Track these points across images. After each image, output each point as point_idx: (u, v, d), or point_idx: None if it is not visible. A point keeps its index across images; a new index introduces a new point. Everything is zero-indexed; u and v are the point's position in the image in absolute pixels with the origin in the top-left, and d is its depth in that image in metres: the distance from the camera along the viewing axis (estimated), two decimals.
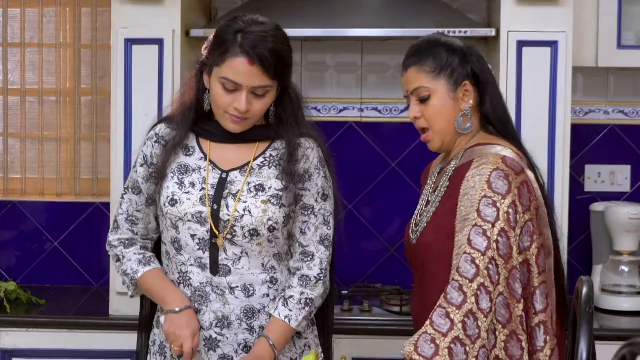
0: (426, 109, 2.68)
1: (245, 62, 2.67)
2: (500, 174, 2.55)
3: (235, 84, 2.68)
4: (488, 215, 2.51)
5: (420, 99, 2.69)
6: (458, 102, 2.68)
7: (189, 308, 2.74)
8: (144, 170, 2.84)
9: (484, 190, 2.54)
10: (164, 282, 2.80)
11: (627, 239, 3.87)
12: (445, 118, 2.68)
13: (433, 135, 2.71)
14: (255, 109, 2.72)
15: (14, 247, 4.27)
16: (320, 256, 2.79)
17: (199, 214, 2.74)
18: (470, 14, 4.03)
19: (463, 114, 2.68)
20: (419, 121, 2.71)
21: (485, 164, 2.59)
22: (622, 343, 2.01)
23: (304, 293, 2.77)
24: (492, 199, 2.53)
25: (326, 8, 3.88)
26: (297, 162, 2.77)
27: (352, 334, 3.62)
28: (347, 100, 4.20)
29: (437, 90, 2.67)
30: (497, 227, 2.50)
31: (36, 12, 4.24)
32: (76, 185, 4.27)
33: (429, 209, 2.71)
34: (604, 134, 4.16)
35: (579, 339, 2.28)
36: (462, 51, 2.70)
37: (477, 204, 2.53)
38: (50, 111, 4.26)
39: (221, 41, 2.71)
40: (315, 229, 2.80)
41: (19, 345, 3.72)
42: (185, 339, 2.70)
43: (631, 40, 3.91)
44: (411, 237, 2.76)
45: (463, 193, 2.58)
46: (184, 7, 3.71)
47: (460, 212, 2.57)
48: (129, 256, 2.85)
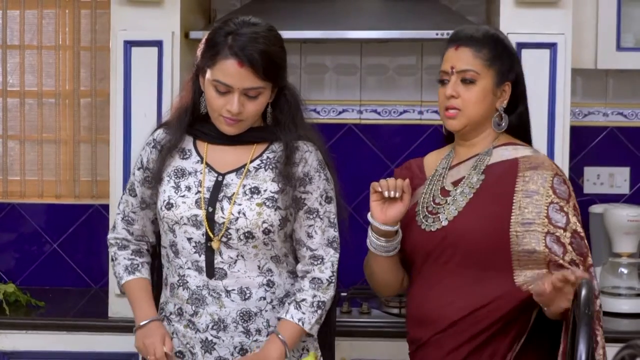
0: (467, 92, 2.71)
1: (234, 63, 2.67)
2: (560, 180, 2.69)
3: (226, 86, 2.68)
4: (558, 221, 2.63)
5: (465, 80, 2.71)
6: (496, 98, 2.73)
7: (154, 320, 2.78)
8: (140, 174, 2.86)
9: (549, 197, 2.65)
10: (138, 296, 2.84)
11: (626, 240, 3.88)
12: (481, 108, 2.72)
13: (461, 116, 2.73)
14: (249, 110, 2.72)
15: (13, 249, 4.27)
16: (331, 259, 2.80)
17: (195, 217, 2.74)
18: (470, 15, 4.04)
19: (499, 113, 2.74)
20: (454, 100, 2.72)
21: (545, 168, 2.69)
22: (621, 345, 2.01)
23: (316, 296, 2.77)
24: (559, 204, 2.64)
25: (325, 10, 3.88)
26: (295, 165, 2.76)
27: (351, 335, 3.62)
28: (347, 102, 4.20)
29: (485, 79, 2.71)
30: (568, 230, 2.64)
31: (35, 14, 4.24)
32: (75, 187, 4.27)
33: (453, 198, 2.72)
34: (603, 136, 4.17)
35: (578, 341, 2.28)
36: (514, 54, 2.80)
37: (545, 209, 2.63)
38: (49, 113, 4.26)
39: (212, 43, 2.72)
40: (322, 231, 2.80)
41: (18, 347, 3.72)
42: (154, 345, 2.72)
43: (630, 42, 3.91)
44: (424, 224, 2.74)
45: (523, 194, 2.66)
46: (183, 8, 3.71)
47: (523, 213, 2.64)
48: (119, 259, 2.89)
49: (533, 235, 2.62)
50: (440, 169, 2.82)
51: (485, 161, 2.74)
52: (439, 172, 2.81)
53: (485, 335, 2.65)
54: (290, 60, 4.27)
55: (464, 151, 2.80)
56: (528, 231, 2.62)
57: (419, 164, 2.90)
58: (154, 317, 2.80)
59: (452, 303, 2.68)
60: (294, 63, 4.18)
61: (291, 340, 2.74)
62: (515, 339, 2.66)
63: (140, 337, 2.78)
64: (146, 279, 2.88)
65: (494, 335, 2.65)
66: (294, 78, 4.16)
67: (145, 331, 2.77)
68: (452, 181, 2.76)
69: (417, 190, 2.82)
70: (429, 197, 2.77)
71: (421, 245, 2.75)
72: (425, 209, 2.77)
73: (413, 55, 4.15)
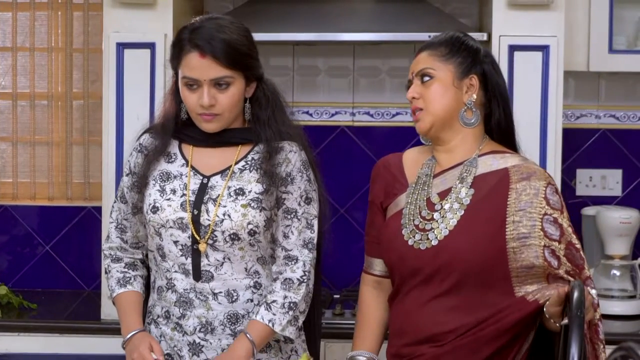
0: (426, 89, 2.66)
1: (196, 55, 2.68)
2: (552, 189, 2.64)
3: (194, 80, 2.69)
4: (553, 234, 2.58)
5: (423, 76, 2.66)
6: (461, 92, 2.66)
7: (139, 332, 2.77)
8: (128, 179, 2.85)
9: (543, 208, 2.60)
10: (126, 309, 2.82)
11: (619, 242, 3.88)
12: (444, 102, 2.65)
13: (425, 115, 2.66)
14: (222, 103, 2.71)
15: (5, 251, 4.26)
16: (304, 259, 2.78)
17: (180, 220, 2.73)
18: (462, 18, 4.04)
19: (467, 107, 2.67)
20: (416, 101, 2.67)
21: (537, 178, 2.64)
22: (614, 347, 2.01)
23: (287, 297, 2.75)
24: (553, 215, 2.60)
25: (318, 12, 3.88)
26: (279, 165, 2.75)
27: (343, 338, 3.61)
28: (339, 105, 4.20)
29: (442, 73, 2.65)
30: (562, 242, 2.59)
31: (28, 16, 4.23)
32: (68, 190, 4.27)
33: (441, 215, 2.64)
34: (595, 138, 4.17)
35: (570, 343, 2.28)
36: (477, 49, 2.70)
37: (539, 222, 2.58)
38: (41, 115, 4.25)
39: (176, 42, 2.75)
40: (299, 232, 2.78)
41: (11, 350, 3.71)
42: (143, 356, 2.70)
43: (622, 45, 3.92)
44: (412, 239, 2.65)
45: (516, 207, 2.60)
46: (176, 11, 3.71)
47: (517, 228, 2.58)
48: (113, 272, 2.88)
49: (531, 250, 2.56)
50: (424, 176, 2.72)
51: (472, 172, 2.66)
52: (422, 179, 2.72)
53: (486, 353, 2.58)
54: (283, 62, 4.29)
55: (445, 158, 2.71)
56: (525, 245, 2.57)
57: (398, 165, 2.79)
58: (138, 329, 2.78)
59: (452, 320, 2.60)
60: (287, 65, 4.18)
61: (259, 340, 2.72)
62: (516, 355, 2.59)
63: (128, 352, 2.75)
64: (137, 292, 2.85)
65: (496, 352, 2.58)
66: (287, 80, 4.17)
67: (131, 345, 2.75)
68: (438, 192, 2.68)
69: (398, 196, 2.74)
70: (415, 209, 2.68)
71: (410, 262, 2.66)
72: (411, 222, 2.67)
73: (405, 57, 4.15)
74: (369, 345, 2.80)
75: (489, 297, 2.58)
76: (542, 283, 2.58)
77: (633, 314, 3.82)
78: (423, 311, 2.64)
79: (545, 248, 2.57)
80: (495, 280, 2.58)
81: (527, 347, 2.60)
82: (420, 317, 2.64)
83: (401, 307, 2.70)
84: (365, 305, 2.83)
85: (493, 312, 2.56)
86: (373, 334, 2.81)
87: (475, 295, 2.59)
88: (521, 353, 2.60)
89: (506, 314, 2.56)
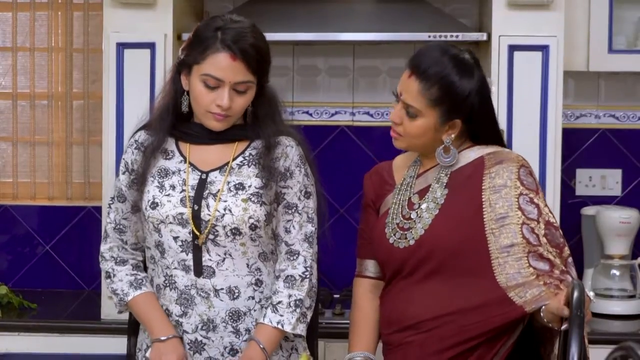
0: (409, 123, 2.70)
1: (227, 57, 2.67)
2: (526, 171, 2.69)
3: (217, 80, 2.68)
4: (530, 213, 2.62)
5: (408, 112, 2.70)
6: (442, 132, 2.70)
7: (174, 337, 2.75)
8: (126, 177, 2.84)
9: (517, 188, 2.65)
10: (152, 310, 2.79)
11: (618, 242, 3.88)
12: (422, 141, 2.72)
13: (403, 141, 2.74)
14: (237, 105, 2.72)
15: (5, 251, 4.27)
16: (304, 254, 2.79)
17: (180, 215, 2.73)
18: (462, 18, 4.04)
19: (444, 146, 2.72)
20: (397, 126, 2.73)
21: (511, 160, 2.69)
22: (613, 346, 2.01)
23: (291, 295, 2.76)
24: (529, 195, 2.64)
25: (318, 12, 3.88)
26: (277, 159, 2.77)
27: (343, 337, 3.61)
28: (339, 104, 4.20)
29: (427, 117, 2.68)
30: (541, 222, 2.62)
31: (28, 16, 4.24)
32: (68, 189, 4.27)
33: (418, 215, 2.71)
34: (595, 138, 4.17)
35: (570, 343, 2.28)
36: (468, 92, 2.67)
37: (516, 202, 2.62)
38: (41, 115, 4.25)
39: (201, 39, 2.72)
40: (300, 226, 2.79)
41: (11, 350, 3.71)
42: None
43: (622, 45, 3.92)
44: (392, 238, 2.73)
45: (491, 190, 2.65)
46: (176, 11, 3.71)
47: (494, 209, 2.63)
48: (120, 276, 2.84)
49: (509, 229, 2.60)
50: (409, 177, 2.80)
51: (449, 170, 2.72)
52: (407, 181, 2.79)
53: (471, 344, 2.62)
54: (283, 62, 4.29)
55: (428, 160, 2.79)
56: (503, 225, 2.61)
57: (387, 169, 2.87)
58: (174, 334, 2.76)
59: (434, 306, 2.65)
60: (287, 65, 4.19)
61: (270, 345, 2.73)
62: (501, 347, 2.63)
63: (158, 351, 2.73)
64: (154, 294, 2.82)
65: (480, 344, 2.62)
66: (287, 80, 4.17)
67: (165, 347, 2.73)
68: (417, 190, 2.75)
69: (386, 198, 2.81)
70: (398, 209, 2.76)
71: (392, 260, 2.74)
72: (394, 221, 2.75)
73: (405, 57, 4.09)
74: (366, 345, 2.84)
75: (471, 283, 2.62)
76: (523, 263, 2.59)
77: (633, 314, 3.83)
78: (407, 298, 2.71)
79: (524, 225, 2.61)
80: (475, 264, 2.62)
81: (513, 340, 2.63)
82: (405, 304, 2.71)
83: (389, 298, 2.78)
84: (360, 308, 2.88)
85: (477, 304, 2.60)
86: (369, 334, 2.85)
87: (456, 281, 2.64)
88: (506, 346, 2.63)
89: (491, 316, 2.59)
